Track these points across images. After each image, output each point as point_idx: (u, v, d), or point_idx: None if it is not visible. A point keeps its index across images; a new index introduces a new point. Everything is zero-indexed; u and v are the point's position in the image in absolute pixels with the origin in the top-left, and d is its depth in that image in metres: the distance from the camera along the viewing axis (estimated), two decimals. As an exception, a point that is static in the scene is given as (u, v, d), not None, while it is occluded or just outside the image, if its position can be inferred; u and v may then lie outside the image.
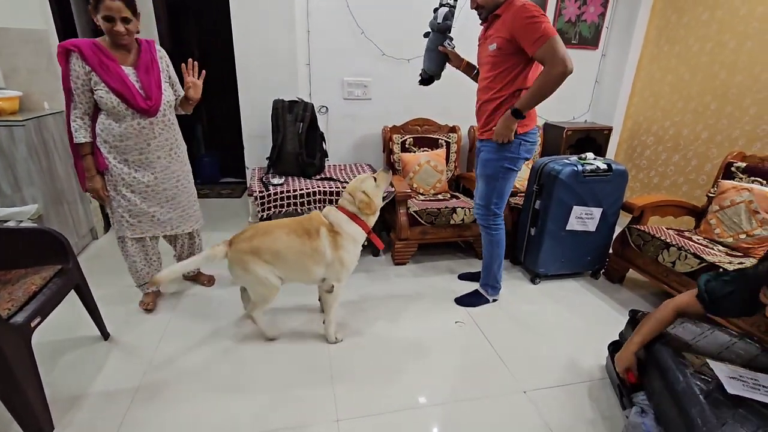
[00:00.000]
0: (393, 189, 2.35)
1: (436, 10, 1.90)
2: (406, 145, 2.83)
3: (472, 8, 1.85)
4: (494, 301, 2.20)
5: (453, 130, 2.95)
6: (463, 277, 2.43)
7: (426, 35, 1.98)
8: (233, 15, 2.44)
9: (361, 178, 1.77)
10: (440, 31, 1.93)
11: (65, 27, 2.56)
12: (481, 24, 1.89)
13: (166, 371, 1.64)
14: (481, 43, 1.90)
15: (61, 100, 2.34)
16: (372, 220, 1.78)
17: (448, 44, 1.96)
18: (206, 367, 1.67)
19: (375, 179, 1.78)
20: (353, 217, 1.73)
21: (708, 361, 1.32)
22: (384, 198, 1.91)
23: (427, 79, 2.07)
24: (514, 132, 1.80)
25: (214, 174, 4.07)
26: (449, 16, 1.89)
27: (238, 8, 2.43)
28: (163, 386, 1.56)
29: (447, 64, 2.02)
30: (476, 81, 1.99)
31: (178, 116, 1.94)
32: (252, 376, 1.63)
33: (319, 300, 2.02)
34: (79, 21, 3.11)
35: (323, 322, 1.86)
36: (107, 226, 2.87)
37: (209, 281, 2.25)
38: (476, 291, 2.21)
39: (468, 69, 2.04)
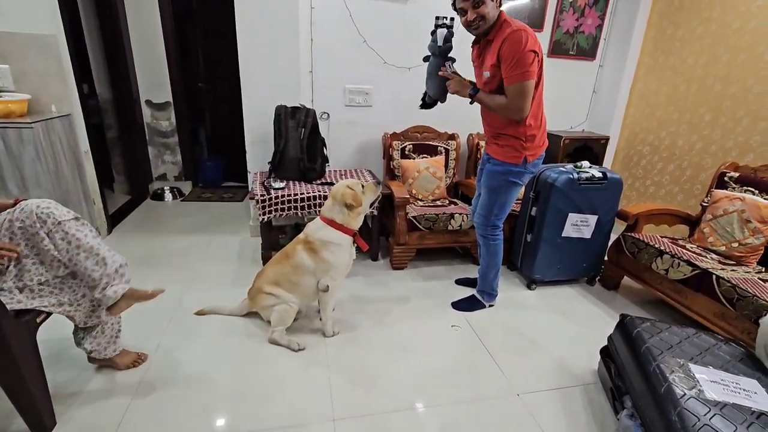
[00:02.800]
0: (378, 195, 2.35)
1: (434, 33, 1.83)
2: (406, 152, 2.88)
3: (466, 24, 1.74)
4: (490, 306, 2.23)
5: (452, 137, 3.00)
6: (460, 282, 2.46)
7: (426, 59, 1.91)
8: (238, 22, 2.50)
9: (349, 181, 1.84)
10: (441, 54, 1.86)
11: (74, 32, 2.62)
12: (472, 46, 1.88)
13: (165, 369, 1.66)
14: (476, 66, 1.89)
15: (68, 104, 2.41)
16: (354, 224, 1.82)
17: (450, 66, 1.87)
18: (205, 365, 1.70)
19: (363, 186, 1.85)
20: (331, 222, 1.80)
21: (690, 365, 1.35)
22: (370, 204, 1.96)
23: (430, 103, 2.01)
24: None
25: (216, 178, 4.12)
26: (449, 38, 1.83)
27: (244, 16, 2.49)
28: (162, 383, 1.59)
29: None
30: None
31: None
32: (248, 376, 1.66)
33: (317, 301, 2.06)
34: (87, 26, 3.19)
35: (320, 320, 1.93)
36: (110, 227, 2.91)
37: (134, 363, 1.69)
38: (473, 296, 2.25)
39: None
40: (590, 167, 2.29)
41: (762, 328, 1.47)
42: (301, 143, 2.50)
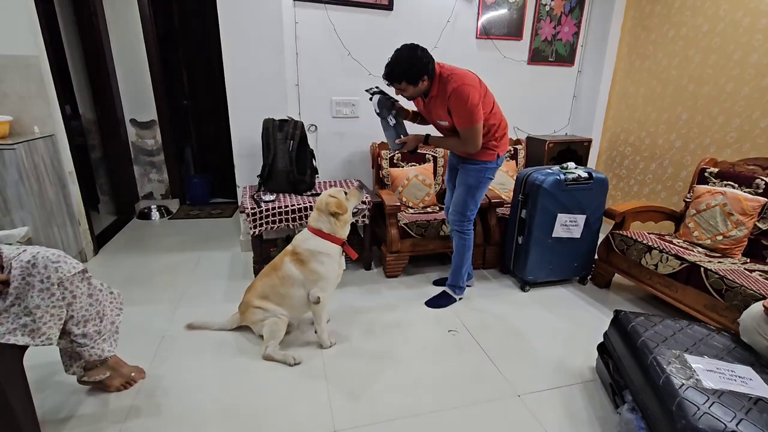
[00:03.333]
0: (365, 206, 2.38)
1: (371, 100, 2.02)
2: (394, 161, 2.90)
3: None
4: (460, 299, 2.31)
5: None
6: (437, 282, 2.52)
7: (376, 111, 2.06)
8: (223, 38, 2.51)
9: (332, 190, 1.88)
10: (383, 117, 2.03)
11: (56, 52, 2.60)
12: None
13: (159, 389, 1.62)
14: (427, 112, 2.03)
15: (50, 125, 2.38)
16: (342, 232, 1.84)
17: (392, 119, 2.03)
18: (199, 383, 1.65)
19: (346, 193, 1.89)
20: (318, 232, 1.81)
21: (686, 356, 1.37)
22: (355, 213, 2.01)
23: (395, 148, 2.12)
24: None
25: (204, 195, 4.08)
26: (383, 101, 2.00)
27: (228, 32, 2.51)
28: (155, 404, 1.54)
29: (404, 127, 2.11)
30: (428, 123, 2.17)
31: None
32: (244, 391, 1.62)
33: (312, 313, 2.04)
34: (69, 46, 3.17)
35: (315, 332, 1.91)
36: (96, 248, 2.85)
37: (125, 384, 1.63)
38: (444, 292, 2.32)
39: (421, 118, 2.18)
40: (576, 168, 2.33)
41: (744, 317, 1.50)
42: (290, 155, 2.50)
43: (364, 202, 2.19)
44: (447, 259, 2.83)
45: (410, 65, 1.80)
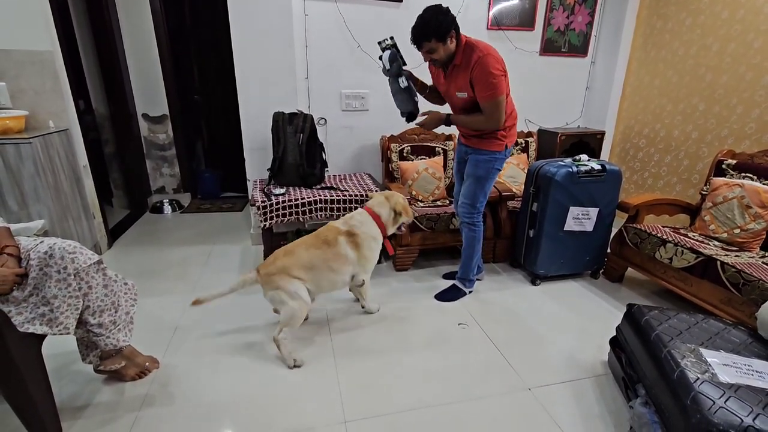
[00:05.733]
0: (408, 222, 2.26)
1: (381, 57, 1.97)
2: (404, 154, 2.89)
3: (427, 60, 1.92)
4: (470, 292, 2.31)
5: (449, 138, 3.02)
6: (447, 276, 2.52)
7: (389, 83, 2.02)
8: (233, 32, 2.52)
9: (401, 195, 2.03)
10: (394, 75, 1.97)
11: (69, 48, 2.63)
12: (437, 67, 1.97)
13: (172, 379, 1.65)
14: (446, 86, 1.99)
15: (65, 119, 2.42)
16: (391, 229, 1.99)
17: (404, 81, 1.96)
18: (211, 374, 1.68)
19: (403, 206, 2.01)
20: (377, 218, 1.93)
21: (701, 350, 1.34)
22: (399, 227, 2.06)
23: (408, 117, 2.05)
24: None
25: (214, 189, 4.11)
26: (394, 58, 1.95)
27: (238, 26, 2.51)
28: (169, 394, 1.57)
29: (417, 95, 2.06)
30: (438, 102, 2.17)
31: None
32: (256, 383, 1.64)
33: (350, 290, 2.20)
34: (82, 42, 3.21)
35: (362, 307, 2.12)
36: (111, 241, 2.90)
37: (140, 374, 1.65)
38: (454, 285, 2.31)
39: (432, 94, 2.16)
40: (589, 160, 2.30)
41: (762, 311, 1.46)
42: (299, 149, 2.50)
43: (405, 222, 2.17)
44: (457, 253, 2.81)
45: (438, 21, 1.77)
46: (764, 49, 2.37)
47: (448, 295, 2.28)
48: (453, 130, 3.03)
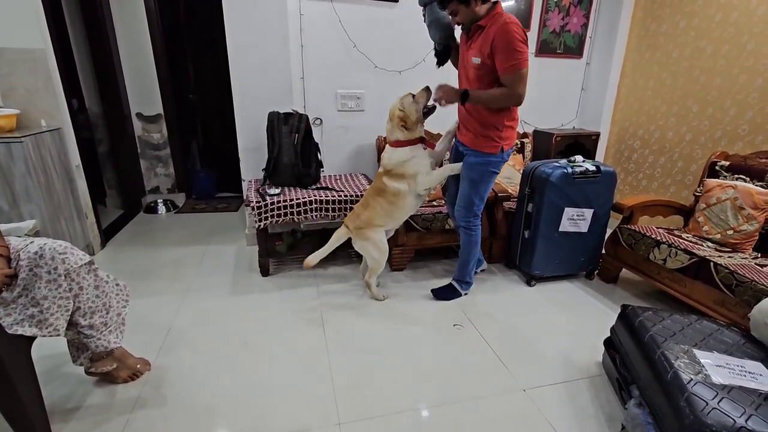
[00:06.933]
0: (435, 103, 2.20)
1: None
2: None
3: (453, 24, 1.91)
4: (465, 294, 2.30)
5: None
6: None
7: (424, 14, 1.99)
8: (228, 31, 2.50)
9: (400, 96, 2.04)
10: (428, 2, 1.92)
11: (62, 46, 2.60)
12: (462, 30, 1.92)
13: (164, 381, 1.63)
14: (464, 50, 1.93)
15: (57, 118, 2.39)
16: (416, 133, 2.06)
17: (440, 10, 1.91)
18: (204, 375, 1.67)
19: (413, 96, 2.02)
20: (397, 143, 2.05)
21: (695, 351, 1.35)
22: (425, 112, 2.07)
23: (442, 51, 2.06)
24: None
25: (209, 189, 4.09)
26: None
27: (233, 25, 2.50)
28: (162, 395, 1.56)
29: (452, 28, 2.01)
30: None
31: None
32: (249, 384, 1.63)
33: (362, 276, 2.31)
34: (76, 40, 3.18)
35: (369, 288, 2.25)
36: (104, 242, 2.87)
37: (133, 375, 1.62)
38: (451, 285, 2.30)
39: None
40: (584, 161, 2.30)
41: (755, 312, 1.47)
42: (295, 149, 2.49)
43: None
44: (453, 253, 2.82)
45: None
46: (757, 52, 2.39)
47: (444, 294, 2.27)
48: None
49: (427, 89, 2.01)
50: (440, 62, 2.14)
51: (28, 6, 2.21)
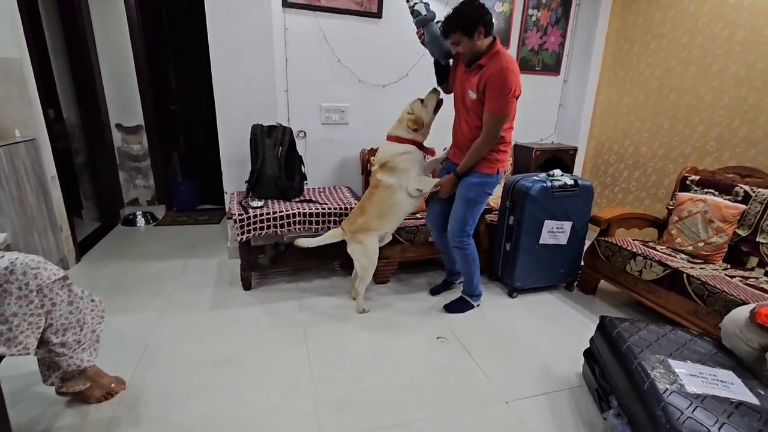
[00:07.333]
0: (441, 98, 2.26)
1: (412, 10, 1.96)
2: (384, 167, 2.91)
3: (453, 52, 1.97)
4: (478, 306, 2.34)
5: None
6: (434, 292, 2.50)
7: (420, 38, 2.03)
8: (211, 44, 2.50)
9: (409, 103, 2.12)
10: (431, 19, 1.96)
11: (40, 55, 2.55)
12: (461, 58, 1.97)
13: (141, 400, 1.58)
14: (463, 78, 1.97)
15: (32, 128, 2.33)
16: (420, 138, 2.13)
17: (440, 27, 1.95)
18: (182, 394, 1.62)
19: (422, 100, 2.10)
20: (396, 139, 2.10)
21: (670, 361, 1.39)
22: (434, 109, 2.14)
23: (445, 67, 2.12)
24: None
25: (191, 201, 4.02)
26: (427, 8, 1.95)
27: (216, 37, 2.50)
28: (137, 416, 1.50)
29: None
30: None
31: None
32: (229, 403, 1.59)
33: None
34: (54, 49, 3.12)
35: (353, 298, 2.31)
36: (79, 255, 2.78)
37: (106, 395, 1.56)
38: (462, 298, 2.32)
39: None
40: (562, 175, 2.37)
41: (725, 322, 1.53)
42: (278, 161, 2.48)
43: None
44: (437, 265, 2.84)
45: (465, 13, 1.77)
46: (722, 73, 2.52)
47: (455, 307, 2.29)
48: (433, 142, 3.09)
49: (435, 90, 2.12)
50: (441, 79, 2.17)
51: (4, 14, 2.17)
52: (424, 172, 2.19)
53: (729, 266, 2.15)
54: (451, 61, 2.12)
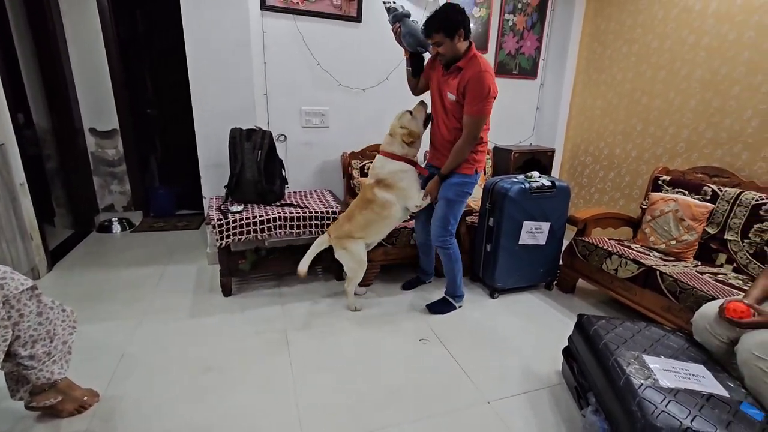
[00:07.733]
0: (430, 112, 2.34)
1: (388, 8, 2.07)
2: (365, 170, 2.91)
3: (432, 53, 2.01)
4: (459, 307, 2.36)
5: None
6: (406, 287, 2.58)
7: (396, 32, 2.10)
8: (188, 46, 2.46)
9: (398, 115, 2.15)
10: (407, 15, 2.06)
11: (7, 58, 2.47)
12: (439, 60, 2.03)
13: (116, 412, 1.53)
14: (441, 80, 2.04)
15: (1, 134, 2.24)
16: (414, 152, 2.16)
17: (415, 21, 2.07)
18: (161, 404, 1.58)
19: (411, 113, 2.14)
20: (392, 156, 2.12)
21: (644, 356, 1.43)
22: (424, 122, 2.19)
23: (417, 58, 2.17)
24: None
25: (169, 207, 3.94)
26: (402, 7, 2.06)
27: (193, 39, 2.46)
28: (112, 427, 1.46)
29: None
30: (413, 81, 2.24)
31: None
32: (210, 412, 1.56)
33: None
34: (23, 52, 3.02)
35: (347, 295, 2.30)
36: (51, 264, 2.69)
37: (79, 408, 1.50)
38: (444, 299, 2.35)
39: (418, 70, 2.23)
40: (540, 177, 2.41)
41: (696, 318, 1.58)
42: (258, 165, 2.46)
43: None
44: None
45: (446, 15, 1.86)
46: (689, 77, 2.62)
47: (437, 308, 2.32)
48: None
49: (422, 103, 2.18)
50: (415, 71, 2.21)
51: (-31, 16, 2.09)
52: None
53: (699, 263, 2.23)
54: (427, 55, 2.17)
